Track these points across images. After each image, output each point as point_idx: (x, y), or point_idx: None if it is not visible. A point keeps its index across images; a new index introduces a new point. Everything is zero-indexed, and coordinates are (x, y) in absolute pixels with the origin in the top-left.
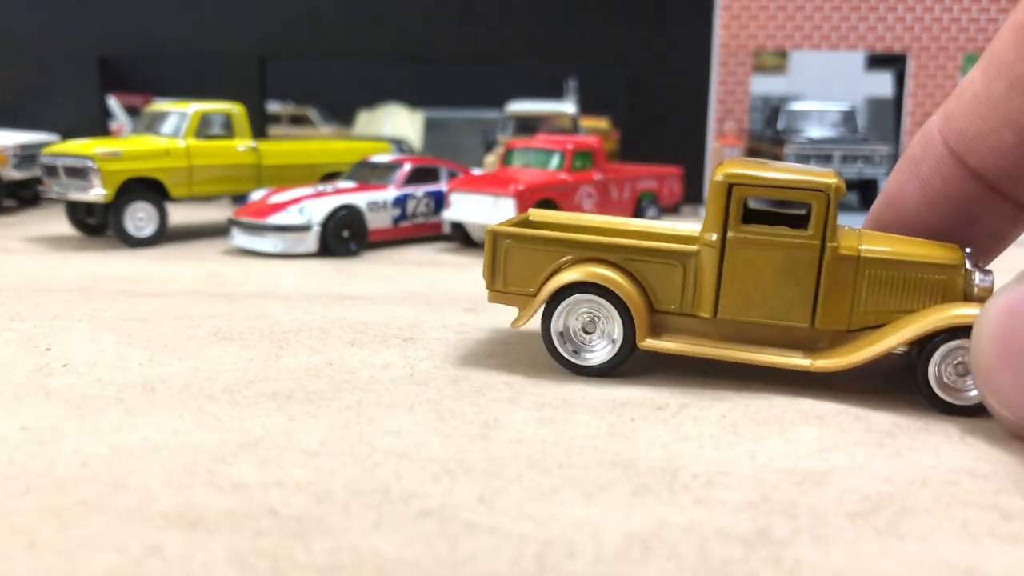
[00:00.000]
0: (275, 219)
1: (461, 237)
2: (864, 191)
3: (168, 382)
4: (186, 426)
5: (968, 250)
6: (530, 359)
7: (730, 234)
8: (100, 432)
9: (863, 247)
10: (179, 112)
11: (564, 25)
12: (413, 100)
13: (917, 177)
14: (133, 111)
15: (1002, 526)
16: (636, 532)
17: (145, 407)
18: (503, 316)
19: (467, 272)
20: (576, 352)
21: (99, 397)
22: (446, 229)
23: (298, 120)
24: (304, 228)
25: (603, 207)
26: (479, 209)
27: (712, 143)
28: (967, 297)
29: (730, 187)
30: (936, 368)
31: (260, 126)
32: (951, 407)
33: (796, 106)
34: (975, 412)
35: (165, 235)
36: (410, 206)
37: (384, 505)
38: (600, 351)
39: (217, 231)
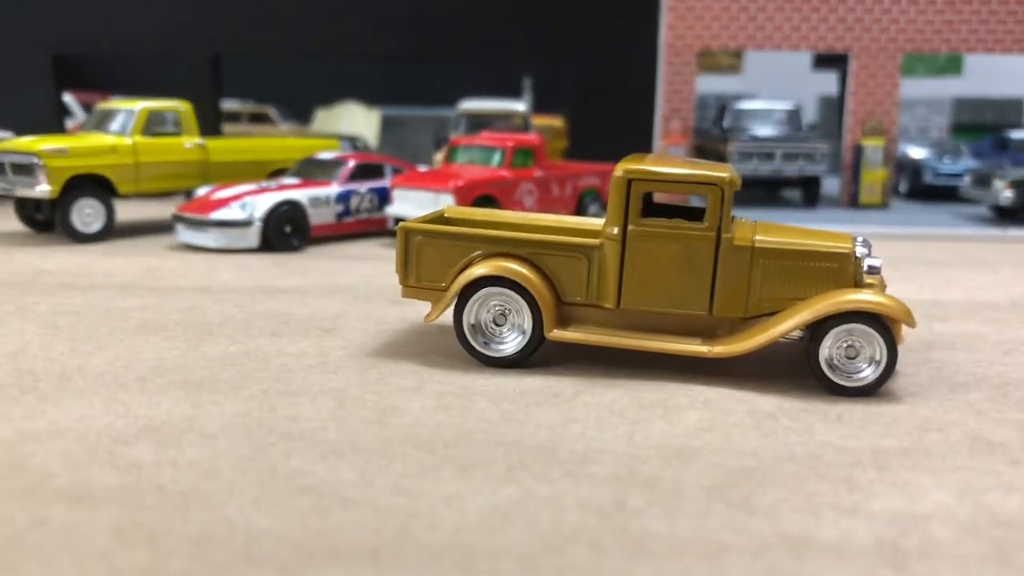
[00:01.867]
0: (217, 215)
1: None
2: (807, 188)
3: (85, 371)
4: (94, 412)
5: (859, 238)
6: (443, 350)
7: (630, 227)
8: (9, 418)
9: (757, 238)
10: (126, 110)
11: (516, 24)
12: (371, 98)
13: None
14: (91, 109)
15: (846, 498)
16: (501, 504)
17: (58, 395)
18: (425, 309)
19: None
20: (487, 343)
21: (15, 386)
22: (390, 225)
23: (257, 118)
24: (246, 223)
25: (544, 204)
26: (420, 205)
27: (658, 141)
28: (856, 283)
29: (629, 182)
30: (827, 351)
31: (214, 124)
32: (841, 388)
33: (742, 105)
34: (863, 392)
35: (112, 231)
36: (354, 202)
37: (268, 482)
38: (510, 342)
39: (166, 227)
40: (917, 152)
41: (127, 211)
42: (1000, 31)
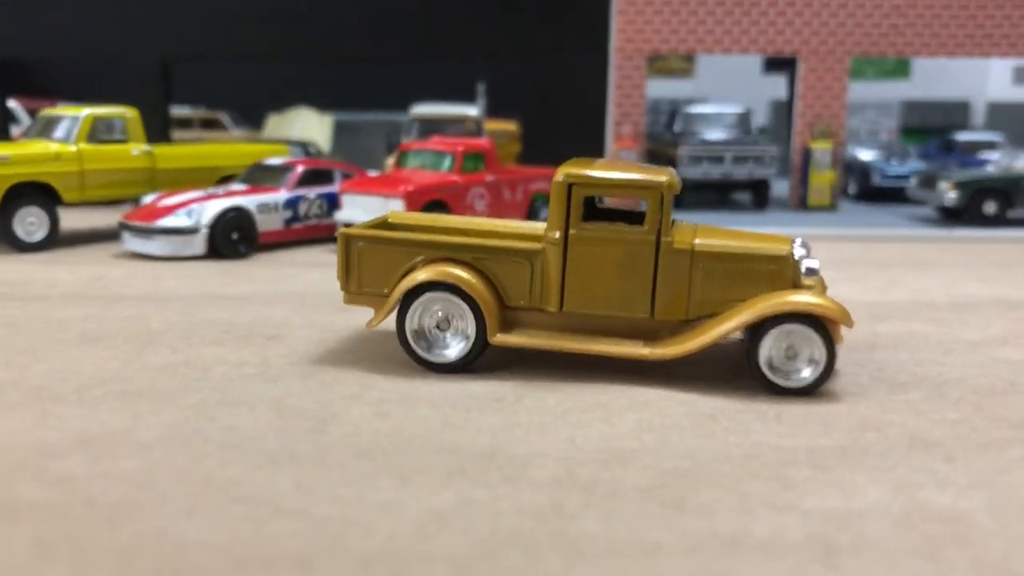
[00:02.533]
0: (163, 222)
1: None
2: (756, 190)
3: (19, 384)
4: (26, 426)
5: (797, 240)
6: (387, 356)
7: (572, 231)
8: None
9: (697, 241)
10: (71, 116)
11: (469, 28)
12: (324, 103)
13: None
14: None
15: (780, 495)
16: (438, 510)
17: None
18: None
19: None
20: (430, 349)
21: None
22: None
23: (209, 124)
24: (192, 231)
25: (495, 208)
26: (370, 210)
27: (611, 145)
28: (795, 285)
29: (570, 187)
30: (767, 352)
31: (164, 130)
32: (781, 388)
33: (693, 109)
34: (803, 392)
35: (57, 240)
36: (302, 208)
37: (202, 493)
38: (454, 348)
39: (112, 235)
40: (865, 154)
41: (72, 219)
42: (944, 35)
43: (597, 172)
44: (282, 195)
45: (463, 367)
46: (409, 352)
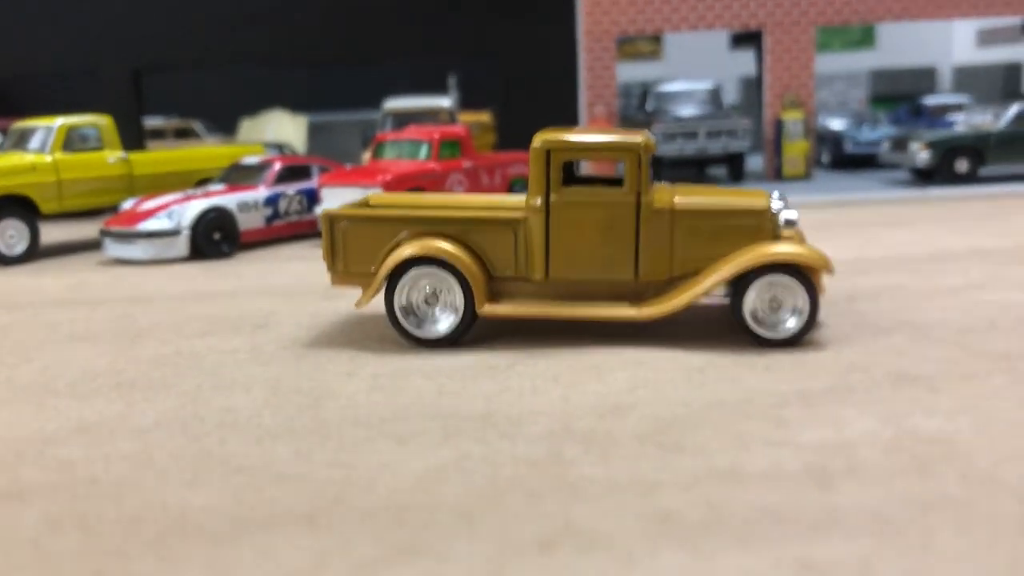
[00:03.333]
0: (144, 226)
1: None
2: (731, 164)
3: (13, 381)
4: (23, 418)
5: (774, 193)
6: (378, 336)
7: (553, 197)
8: None
9: (676, 200)
10: (45, 127)
11: (436, 23)
12: (297, 105)
13: None
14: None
15: (775, 432)
16: (436, 466)
17: None
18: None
19: None
20: (420, 325)
21: None
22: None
23: (183, 133)
24: (174, 232)
25: (474, 193)
26: (350, 201)
27: (585, 127)
28: (775, 237)
29: (548, 152)
30: (751, 304)
31: (138, 140)
32: (766, 340)
33: (664, 87)
34: (789, 343)
35: (38, 251)
36: (282, 205)
37: (202, 467)
38: (444, 322)
39: (94, 245)
40: (837, 123)
41: (54, 232)
42: None
43: (574, 136)
44: (261, 193)
45: (453, 341)
46: (399, 329)
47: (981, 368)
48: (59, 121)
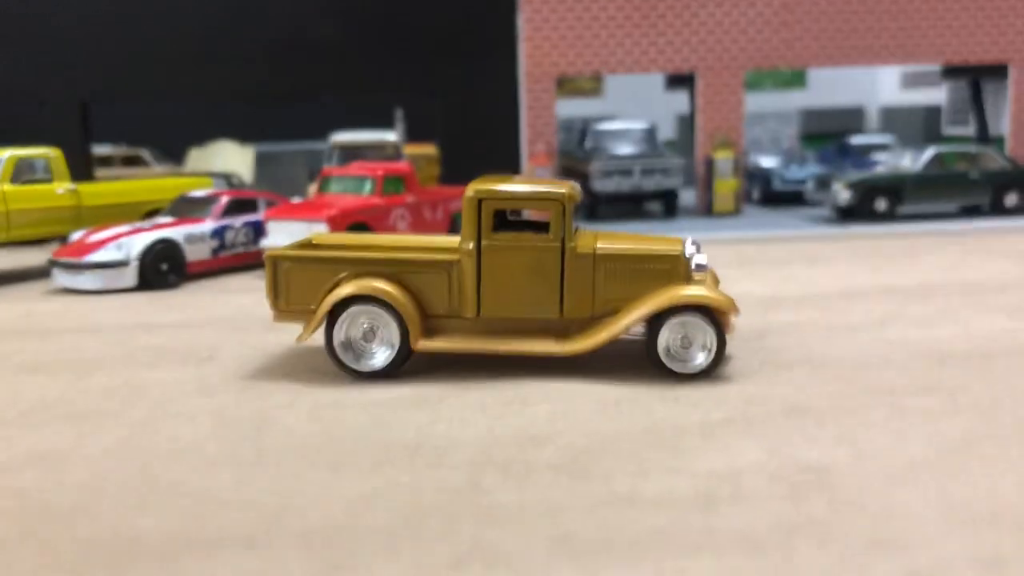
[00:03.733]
0: (93, 257)
1: None
2: (665, 200)
3: None
4: None
5: (689, 239)
6: (318, 368)
7: (484, 242)
8: None
9: (598, 245)
10: None
11: (381, 61)
12: (244, 135)
13: None
14: None
15: (672, 460)
16: (365, 492)
17: None
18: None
19: None
20: (358, 359)
21: None
22: None
23: (131, 161)
24: (122, 264)
25: (417, 227)
26: (295, 235)
27: (525, 163)
28: (688, 280)
29: (480, 201)
30: (664, 341)
31: (86, 169)
32: (678, 373)
33: (601, 126)
34: (697, 377)
35: None
36: (229, 237)
37: (150, 493)
38: (380, 356)
39: (41, 273)
40: (767, 161)
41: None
42: (832, 47)
43: (503, 186)
44: (208, 225)
45: (389, 374)
46: (338, 363)
47: (866, 402)
48: (8, 153)
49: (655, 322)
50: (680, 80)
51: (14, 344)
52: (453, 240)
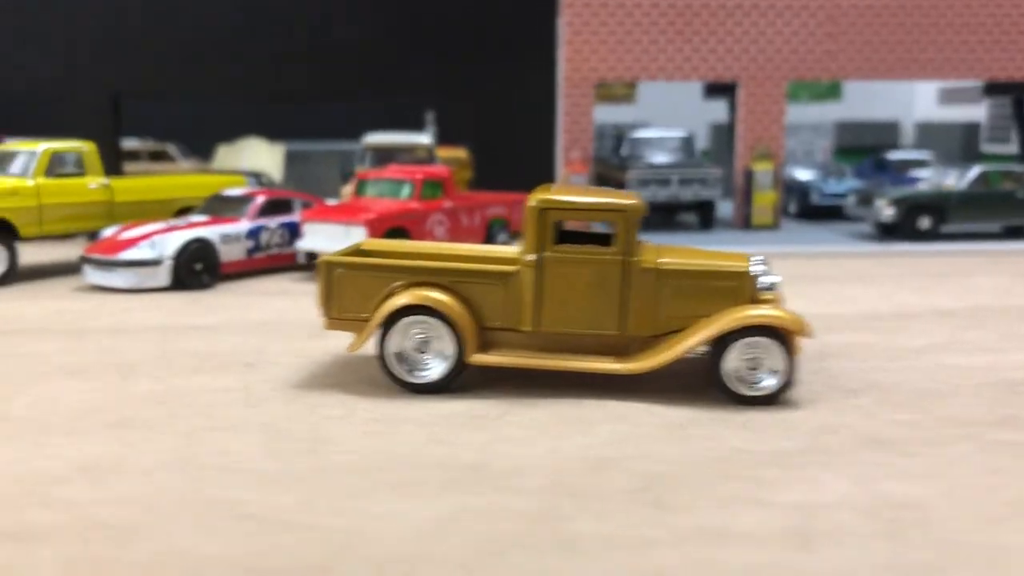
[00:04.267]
0: (126, 254)
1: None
2: (702, 211)
3: (8, 417)
4: (22, 456)
5: (754, 257)
6: (368, 378)
7: (546, 254)
8: None
9: (661, 260)
10: (28, 151)
11: (417, 63)
12: (273, 133)
13: None
14: None
15: (755, 492)
16: (436, 517)
17: None
18: (345, 341)
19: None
20: (411, 371)
21: None
22: (301, 259)
23: (157, 156)
24: (156, 262)
25: (454, 233)
26: (332, 238)
27: (560, 170)
28: (753, 299)
29: (543, 211)
30: (731, 364)
31: (115, 164)
32: (745, 398)
33: (638, 134)
34: (766, 401)
35: (16, 274)
36: (264, 237)
37: (208, 513)
38: (434, 369)
39: (70, 269)
40: (804, 174)
41: (27, 254)
42: (875, 59)
43: (569, 197)
44: (244, 225)
45: (443, 387)
46: (390, 375)
47: (946, 434)
48: (42, 146)
49: (721, 343)
50: (719, 89)
51: (52, 343)
52: (508, 251)
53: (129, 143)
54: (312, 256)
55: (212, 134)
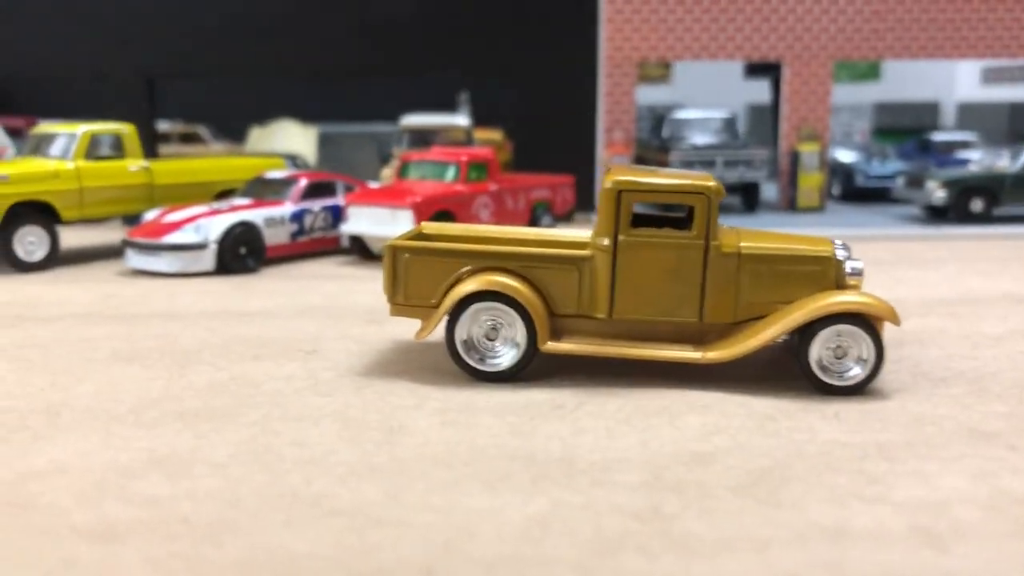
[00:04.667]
0: (171, 238)
1: (359, 250)
2: (746, 194)
3: (71, 406)
4: (93, 447)
5: (838, 242)
6: (433, 366)
7: (621, 238)
8: (5, 458)
9: (742, 244)
10: (68, 134)
11: (454, 40)
12: (306, 115)
13: None
14: (16, 133)
15: (867, 488)
16: (535, 514)
17: (50, 431)
18: (405, 326)
19: (367, 284)
20: (481, 359)
21: (2, 424)
22: (344, 243)
23: (188, 138)
24: (200, 246)
25: (499, 217)
26: (377, 222)
27: (601, 152)
28: (839, 285)
29: (619, 193)
30: (817, 352)
31: (150, 146)
32: (831, 387)
33: (680, 114)
34: (853, 391)
35: (57, 258)
36: (308, 221)
37: (294, 507)
38: (505, 356)
39: (110, 252)
40: (847, 156)
41: (65, 237)
42: (922, 38)
43: (646, 179)
44: (288, 208)
45: (514, 375)
46: (459, 363)
47: None
48: (82, 128)
49: (807, 331)
50: (761, 69)
51: (102, 329)
52: (577, 235)
53: (160, 125)
54: (356, 240)
55: (242, 115)
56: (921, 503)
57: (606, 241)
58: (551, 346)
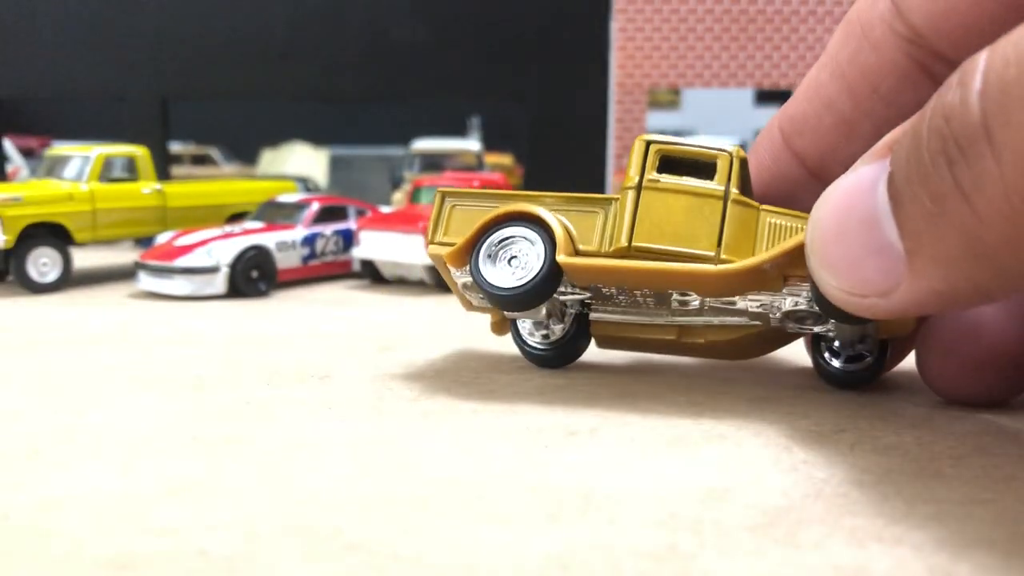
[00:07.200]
0: (183, 261)
1: (371, 274)
2: None
3: (84, 431)
4: (108, 475)
5: None
6: (446, 391)
7: (646, 179)
8: (21, 485)
9: (763, 206)
10: (82, 155)
11: (465, 64)
12: (317, 138)
13: (754, 155)
14: (29, 153)
15: (886, 530)
16: (553, 552)
17: (65, 458)
18: (418, 353)
19: (378, 309)
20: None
21: (17, 450)
22: (356, 267)
23: (200, 160)
24: (213, 270)
25: None
26: (390, 247)
27: (611, 177)
28: None
29: (648, 143)
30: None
31: (164, 167)
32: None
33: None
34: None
35: (70, 280)
36: (319, 245)
37: (311, 541)
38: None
39: (122, 274)
40: None
41: (77, 259)
42: None
43: (671, 139)
44: (299, 232)
45: (530, 289)
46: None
47: None
48: (96, 151)
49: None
50: (771, 96)
51: (116, 353)
52: (597, 196)
53: (172, 147)
54: (367, 264)
55: (253, 137)
56: (943, 544)
57: (631, 184)
58: (566, 260)
